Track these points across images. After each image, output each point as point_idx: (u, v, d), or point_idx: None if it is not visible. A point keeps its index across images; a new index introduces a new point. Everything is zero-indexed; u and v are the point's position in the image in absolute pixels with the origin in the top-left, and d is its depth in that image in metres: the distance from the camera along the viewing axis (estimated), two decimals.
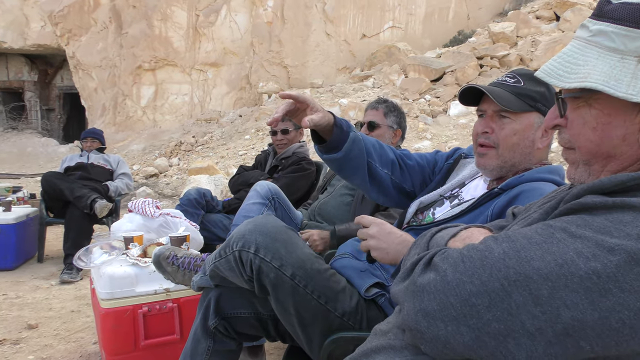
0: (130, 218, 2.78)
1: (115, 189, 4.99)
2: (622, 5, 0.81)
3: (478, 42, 13.53)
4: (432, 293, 0.78)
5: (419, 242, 1.04)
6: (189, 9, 15.88)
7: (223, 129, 14.29)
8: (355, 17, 16.15)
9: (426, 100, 11.50)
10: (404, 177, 1.87)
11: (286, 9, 15.79)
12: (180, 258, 1.93)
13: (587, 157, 0.87)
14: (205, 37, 15.95)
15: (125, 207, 3.50)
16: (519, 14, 14.00)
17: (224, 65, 16.28)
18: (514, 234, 0.79)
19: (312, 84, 15.34)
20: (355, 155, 1.73)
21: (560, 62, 0.86)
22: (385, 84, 12.95)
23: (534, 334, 0.70)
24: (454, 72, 11.94)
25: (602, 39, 0.82)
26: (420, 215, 1.76)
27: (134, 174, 11.32)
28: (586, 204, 0.77)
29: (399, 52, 14.43)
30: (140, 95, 16.16)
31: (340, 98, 12.54)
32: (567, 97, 0.88)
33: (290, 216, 2.89)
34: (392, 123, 2.86)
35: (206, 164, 9.48)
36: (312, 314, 1.56)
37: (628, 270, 0.66)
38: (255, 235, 1.55)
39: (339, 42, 16.08)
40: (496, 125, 1.56)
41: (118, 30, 16.29)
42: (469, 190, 1.70)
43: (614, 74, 0.79)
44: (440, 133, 9.95)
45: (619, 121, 0.82)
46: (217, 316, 1.75)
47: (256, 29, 16.00)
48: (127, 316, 2.22)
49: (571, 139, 0.89)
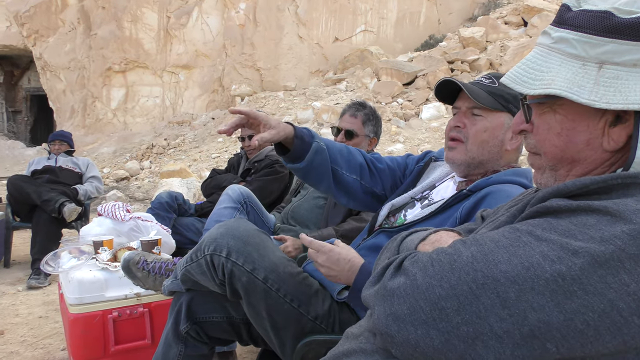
0: (99, 222, 2.74)
1: (85, 192, 4.89)
2: (581, 13, 0.83)
3: (449, 46, 13.72)
4: (402, 297, 0.79)
5: (390, 246, 1.04)
6: (159, 10, 15.70)
7: (195, 131, 14.17)
8: (328, 20, 16.20)
9: (399, 104, 11.59)
10: (374, 181, 1.89)
11: (258, 12, 15.74)
12: (150, 263, 1.91)
13: (553, 162, 0.89)
14: (177, 39, 15.79)
15: (95, 211, 3.44)
16: (488, 19, 14.25)
17: (196, 67, 16.14)
18: (482, 237, 0.80)
19: (285, 86, 15.32)
20: (318, 164, 1.75)
21: (524, 69, 0.88)
22: (358, 87, 13.01)
23: (502, 337, 0.70)
24: (426, 75, 12.08)
25: (564, 46, 0.84)
26: (392, 218, 1.78)
27: (104, 177, 11.14)
28: (551, 207, 0.78)
29: (371, 56, 14.53)
30: (111, 98, 15.90)
31: (313, 101, 12.55)
32: (532, 103, 0.90)
33: (263, 220, 2.88)
34: (370, 132, 2.87)
35: (178, 167, 9.39)
36: (284, 318, 1.56)
37: (592, 272, 0.67)
38: (227, 239, 1.54)
39: (311, 45, 16.10)
40: (468, 121, 1.60)
41: (87, 32, 16.01)
42: (439, 192, 1.73)
43: (577, 80, 0.81)
44: (412, 136, 10.04)
45: (583, 126, 0.84)
46: (188, 321, 1.73)
47: (228, 31, 15.91)
48: (97, 321, 2.19)
49: (537, 144, 0.91)
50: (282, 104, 13.44)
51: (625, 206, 0.71)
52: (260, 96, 14.55)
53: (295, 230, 2.83)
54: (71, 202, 4.46)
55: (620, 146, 0.83)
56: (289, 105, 13.24)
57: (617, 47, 0.79)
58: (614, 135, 0.82)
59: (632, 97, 0.78)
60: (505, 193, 1.44)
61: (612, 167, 0.85)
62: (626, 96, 0.78)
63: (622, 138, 0.82)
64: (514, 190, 1.45)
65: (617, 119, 0.82)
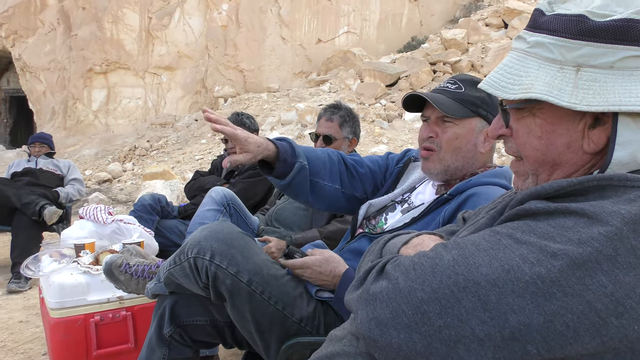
0: (81, 225, 2.71)
1: (66, 195, 4.84)
2: (556, 17, 0.84)
3: (431, 48, 13.81)
4: (385, 301, 0.79)
5: (372, 249, 1.05)
6: (141, 11, 15.57)
7: (179, 133, 14.07)
8: (311, 21, 16.20)
9: (382, 105, 11.64)
10: (356, 186, 1.90)
11: (241, 13, 15.69)
12: (133, 266, 1.90)
13: (535, 166, 0.90)
14: (159, 40, 15.68)
15: (76, 214, 3.41)
16: (469, 21, 14.37)
17: (179, 68, 16.03)
18: (463, 241, 0.81)
19: (268, 88, 15.29)
20: (298, 182, 1.76)
21: (502, 74, 0.88)
22: (342, 88, 13.03)
23: (483, 339, 0.71)
24: (409, 77, 12.15)
25: (541, 50, 0.84)
26: (373, 221, 1.79)
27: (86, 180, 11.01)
28: (530, 209, 0.79)
29: (354, 57, 14.56)
30: (92, 99, 15.71)
31: (297, 102, 12.54)
32: (511, 108, 0.91)
33: (247, 222, 2.88)
34: (348, 133, 2.87)
35: (162, 168, 9.31)
36: (269, 320, 1.56)
37: (570, 274, 0.68)
38: (211, 242, 1.54)
39: (294, 47, 16.09)
40: (440, 129, 1.62)
41: (67, 32, 15.81)
42: (419, 195, 1.74)
43: (556, 84, 0.81)
44: (396, 137, 10.08)
45: (563, 129, 0.84)
46: (172, 324, 1.72)
47: (211, 32, 15.83)
48: (78, 326, 2.17)
49: (518, 148, 0.91)
50: (265, 106, 13.41)
51: (601, 208, 0.72)
52: (244, 97, 14.50)
53: (279, 232, 2.83)
54: (52, 205, 4.41)
55: (600, 148, 0.84)
56: (272, 106, 13.22)
57: (592, 50, 0.80)
58: (594, 138, 0.83)
59: (611, 99, 0.79)
60: (486, 195, 1.46)
61: (592, 169, 0.86)
62: (605, 98, 0.79)
63: (601, 140, 0.83)
64: (495, 192, 1.47)
65: (596, 121, 0.83)
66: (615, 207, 0.71)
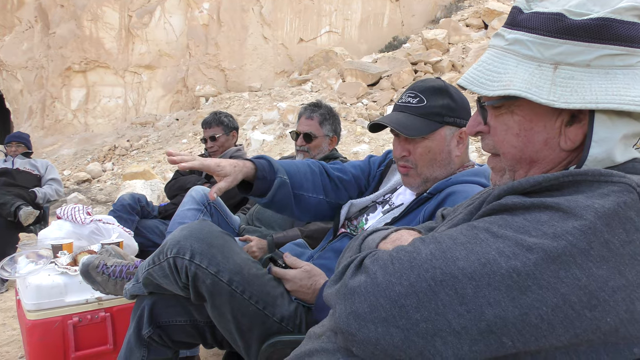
0: (59, 225, 2.67)
1: (44, 195, 4.78)
2: (534, 15, 0.85)
3: (412, 48, 13.91)
4: (363, 295, 0.79)
5: (352, 244, 1.05)
6: (120, 9, 15.42)
7: (159, 132, 13.97)
8: (292, 21, 16.20)
9: (363, 105, 11.68)
10: (340, 194, 1.90)
11: (222, 12, 15.62)
12: (110, 266, 1.87)
13: (512, 163, 0.90)
14: (139, 38, 15.54)
15: (54, 215, 3.36)
16: (450, 21, 14.50)
17: (159, 67, 15.91)
18: (441, 235, 0.81)
19: (250, 87, 15.25)
20: (280, 198, 1.75)
21: (481, 70, 0.89)
22: (324, 88, 13.05)
23: (460, 332, 0.71)
24: (390, 77, 12.21)
25: (519, 47, 0.85)
26: (354, 221, 1.80)
27: (64, 180, 10.87)
28: (506, 204, 0.79)
29: (336, 57, 14.59)
30: (71, 98, 15.52)
31: (278, 102, 12.52)
32: (489, 105, 0.91)
33: (228, 221, 2.86)
34: (328, 131, 2.90)
35: (142, 168, 9.23)
36: (250, 320, 1.55)
37: (545, 267, 0.69)
38: (191, 241, 1.52)
39: (276, 46, 16.07)
40: (411, 146, 1.63)
41: (45, 30, 15.59)
42: (399, 195, 1.75)
43: (534, 81, 0.82)
44: (377, 137, 10.12)
45: (540, 126, 0.86)
46: (151, 325, 1.70)
47: (192, 31, 15.74)
48: (56, 327, 2.13)
49: (495, 145, 0.92)
50: (247, 105, 13.37)
51: (576, 202, 0.73)
52: (225, 97, 14.44)
53: (261, 231, 2.81)
54: (28, 206, 4.36)
55: (576, 145, 0.85)
56: (254, 105, 13.18)
57: (570, 48, 0.81)
58: (571, 135, 0.84)
59: (588, 97, 0.80)
60: (465, 193, 1.47)
61: (568, 165, 0.87)
62: (582, 96, 0.80)
63: (578, 137, 0.84)
64: (474, 190, 1.48)
65: (573, 119, 0.84)
66: (589, 202, 0.72)
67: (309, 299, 1.61)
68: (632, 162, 0.84)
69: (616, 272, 0.69)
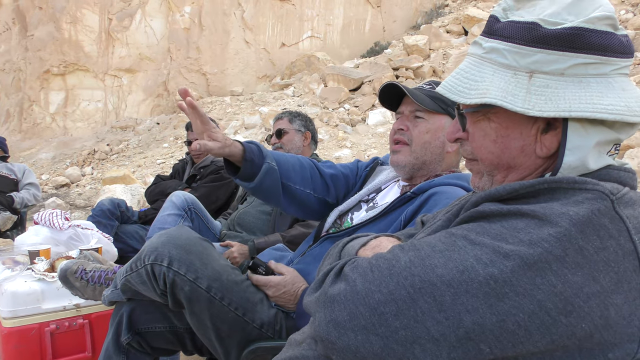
0: (36, 231, 2.63)
1: (21, 200, 4.70)
2: (510, 24, 0.86)
3: (394, 53, 14.01)
4: (343, 303, 0.79)
5: (332, 252, 1.05)
6: (100, 12, 15.27)
7: (140, 136, 13.84)
8: (274, 25, 16.20)
9: (345, 110, 11.71)
10: (328, 191, 1.90)
11: (204, 16, 15.57)
12: (89, 272, 1.85)
13: (490, 168, 0.92)
14: (119, 41, 15.40)
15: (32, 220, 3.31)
16: (431, 27, 14.63)
17: (140, 71, 15.78)
18: (419, 242, 0.82)
19: (232, 91, 15.20)
20: (268, 185, 1.73)
21: (459, 78, 0.90)
22: (305, 92, 13.06)
23: (439, 339, 0.72)
24: (372, 82, 12.27)
25: (496, 56, 0.87)
26: (339, 221, 1.81)
27: (42, 184, 10.71)
28: (484, 212, 0.81)
29: (318, 62, 14.63)
30: (49, 101, 15.30)
31: (260, 106, 12.51)
32: (467, 112, 0.93)
33: (208, 226, 2.85)
34: (299, 127, 3.03)
35: (122, 173, 9.14)
36: (229, 326, 1.54)
37: (522, 274, 0.70)
38: (169, 248, 1.51)
39: (258, 51, 16.05)
40: (411, 123, 1.68)
41: (23, 32, 15.37)
42: (384, 196, 1.76)
43: (510, 89, 0.83)
44: (359, 142, 10.16)
45: (516, 133, 0.87)
46: (130, 331, 1.68)
47: (173, 34, 15.65)
48: (33, 335, 2.10)
49: (473, 151, 0.94)
50: (229, 109, 13.32)
51: (551, 210, 0.74)
52: (207, 101, 14.38)
53: (242, 236, 2.81)
54: (5, 211, 4.30)
55: (552, 152, 0.86)
56: (236, 110, 13.14)
57: (544, 57, 0.82)
58: (546, 142, 0.86)
59: (562, 105, 0.81)
60: (447, 195, 1.49)
61: (544, 172, 0.88)
62: (557, 104, 0.81)
63: (553, 145, 0.85)
64: (457, 192, 1.50)
65: (548, 126, 0.85)
66: (564, 209, 0.74)
67: (291, 306, 1.61)
68: (606, 169, 0.85)
69: (591, 279, 0.70)
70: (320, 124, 10.73)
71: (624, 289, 0.72)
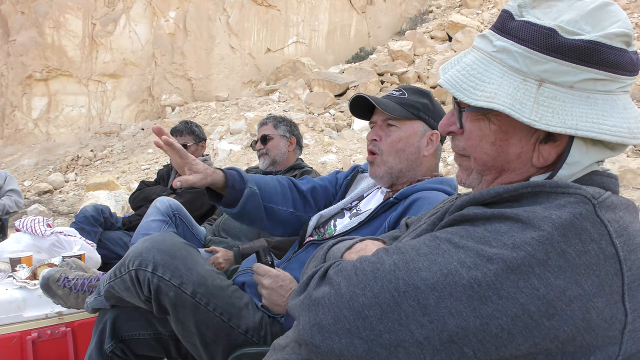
0: (17, 238, 2.59)
1: (3, 207, 4.65)
2: (525, 25, 0.82)
3: (379, 59, 14.09)
4: (327, 306, 0.79)
5: (317, 254, 1.05)
6: (84, 17, 15.15)
7: (124, 142, 13.74)
8: (260, 31, 16.21)
9: (331, 115, 11.74)
10: (310, 208, 1.90)
11: (189, 21, 15.52)
12: (72, 280, 1.83)
13: (482, 168, 0.91)
14: (103, 47, 15.29)
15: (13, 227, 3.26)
16: (415, 33, 14.75)
17: (124, 76, 15.67)
18: (404, 245, 0.82)
19: (217, 97, 15.16)
20: (251, 209, 1.74)
21: (465, 75, 0.87)
22: (291, 98, 13.07)
23: (422, 343, 0.72)
24: (357, 87, 12.33)
25: (506, 57, 0.83)
26: (322, 229, 1.80)
27: (25, 191, 10.58)
28: (468, 215, 0.81)
29: (303, 67, 14.66)
30: (32, 107, 15.13)
31: (246, 112, 12.48)
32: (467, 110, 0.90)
33: (193, 232, 2.83)
34: (284, 132, 3.03)
35: (106, 179, 9.07)
36: (214, 332, 1.53)
37: (505, 278, 0.70)
38: (153, 253, 1.50)
39: (243, 56, 16.04)
40: (384, 132, 1.69)
41: (4, 37, 15.20)
42: (367, 203, 1.77)
43: (518, 96, 0.81)
44: (345, 147, 10.18)
45: (516, 140, 0.86)
46: (113, 339, 1.67)
47: (158, 40, 15.58)
48: (14, 344, 2.07)
49: (467, 148, 0.92)
50: (214, 115, 13.28)
51: (534, 213, 0.74)
52: (192, 106, 14.32)
53: (227, 242, 2.79)
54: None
55: (548, 163, 0.85)
56: (221, 115, 13.10)
57: (556, 67, 0.79)
58: (544, 152, 0.85)
59: (569, 122, 0.79)
60: (429, 200, 1.50)
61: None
62: (564, 119, 0.79)
63: (551, 156, 0.84)
64: (439, 197, 1.51)
65: (548, 137, 0.84)
66: (547, 213, 0.74)
67: (281, 304, 1.57)
68: (590, 174, 0.85)
69: (573, 282, 0.70)
70: (306, 129, 10.74)
71: (606, 292, 0.72)
